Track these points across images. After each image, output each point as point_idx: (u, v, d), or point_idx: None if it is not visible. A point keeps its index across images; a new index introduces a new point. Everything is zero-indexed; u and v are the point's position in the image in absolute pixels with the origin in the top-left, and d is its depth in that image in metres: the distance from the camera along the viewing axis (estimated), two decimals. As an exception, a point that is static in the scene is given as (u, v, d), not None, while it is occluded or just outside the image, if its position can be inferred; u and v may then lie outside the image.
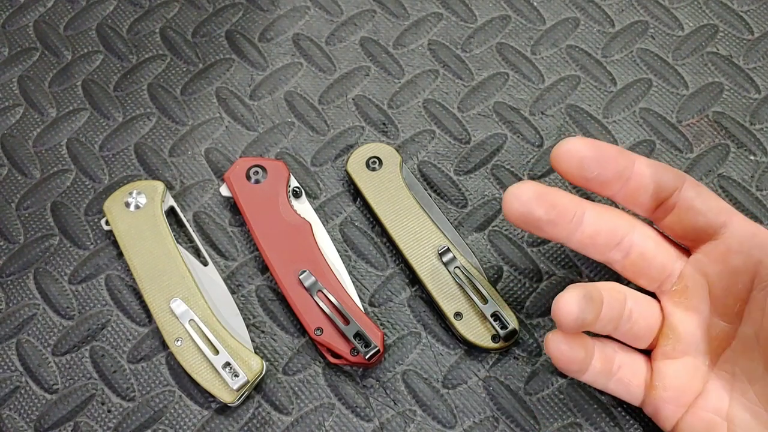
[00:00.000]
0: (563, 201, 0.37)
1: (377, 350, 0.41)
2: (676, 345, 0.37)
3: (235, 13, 0.53)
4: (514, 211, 0.36)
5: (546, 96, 0.49)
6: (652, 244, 0.38)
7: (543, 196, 0.36)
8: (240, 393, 0.41)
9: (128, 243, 0.44)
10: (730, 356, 0.37)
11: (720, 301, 0.37)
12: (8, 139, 0.49)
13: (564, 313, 0.34)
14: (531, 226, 0.37)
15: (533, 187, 0.36)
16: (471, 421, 0.41)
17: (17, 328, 0.44)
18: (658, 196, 0.37)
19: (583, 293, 0.35)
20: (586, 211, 0.37)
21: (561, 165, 0.37)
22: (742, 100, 0.48)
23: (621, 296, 0.37)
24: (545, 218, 0.36)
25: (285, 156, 0.48)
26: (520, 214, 0.36)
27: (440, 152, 0.48)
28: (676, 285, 0.38)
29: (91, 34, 0.53)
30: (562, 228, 0.37)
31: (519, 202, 0.36)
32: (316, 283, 0.42)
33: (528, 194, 0.36)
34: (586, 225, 0.37)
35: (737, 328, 0.36)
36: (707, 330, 0.37)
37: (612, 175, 0.37)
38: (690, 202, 0.37)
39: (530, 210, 0.36)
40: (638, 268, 0.38)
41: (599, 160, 0.36)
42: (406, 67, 0.50)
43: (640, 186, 0.37)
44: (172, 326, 0.42)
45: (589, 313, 0.35)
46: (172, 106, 0.50)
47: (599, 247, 0.38)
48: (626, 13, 0.51)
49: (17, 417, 0.42)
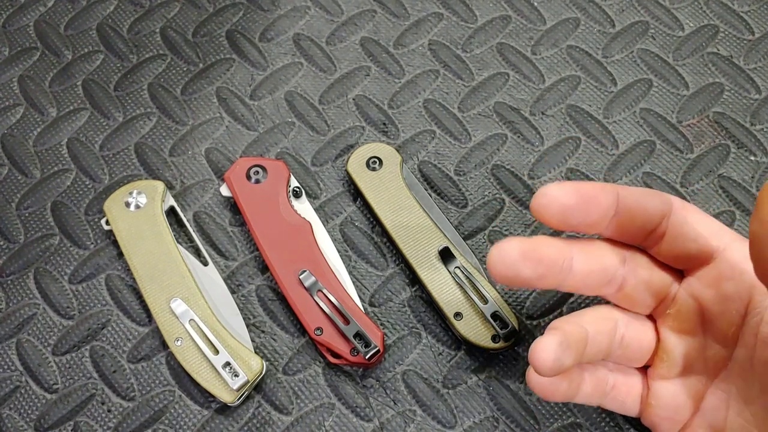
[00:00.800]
0: (550, 252, 0.35)
1: (377, 350, 0.41)
2: (671, 368, 0.37)
3: (236, 13, 0.53)
4: (501, 274, 0.34)
5: (546, 96, 0.49)
6: (644, 275, 0.37)
7: (529, 254, 0.35)
8: (240, 393, 0.41)
9: (128, 243, 0.44)
10: (726, 377, 0.36)
11: (714, 325, 0.36)
12: (8, 139, 0.49)
13: (540, 360, 0.33)
14: (518, 285, 0.36)
15: (518, 244, 0.35)
16: (471, 421, 0.41)
17: (17, 327, 0.44)
18: (645, 227, 0.36)
19: (560, 340, 0.34)
20: (574, 256, 0.36)
21: (543, 216, 0.35)
22: (742, 100, 0.48)
23: (610, 324, 0.36)
24: (534, 276, 0.35)
25: (285, 156, 0.48)
26: (508, 277, 0.35)
27: (440, 152, 0.48)
28: (670, 309, 0.37)
29: (92, 34, 0.53)
30: (552, 279, 0.36)
31: (505, 264, 0.34)
32: (316, 283, 0.42)
33: (513, 254, 0.34)
34: (576, 270, 0.36)
35: (732, 351, 0.36)
36: (703, 352, 0.37)
37: (597, 217, 0.35)
38: (679, 229, 0.36)
39: (518, 272, 0.34)
40: (632, 299, 0.37)
41: (582, 206, 0.35)
42: (406, 67, 0.50)
43: (626, 220, 0.36)
44: (172, 326, 0.42)
45: (566, 359, 0.34)
46: (172, 105, 0.50)
47: (591, 287, 0.37)
48: (627, 13, 0.51)
49: (17, 416, 0.42)
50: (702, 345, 0.37)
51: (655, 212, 0.36)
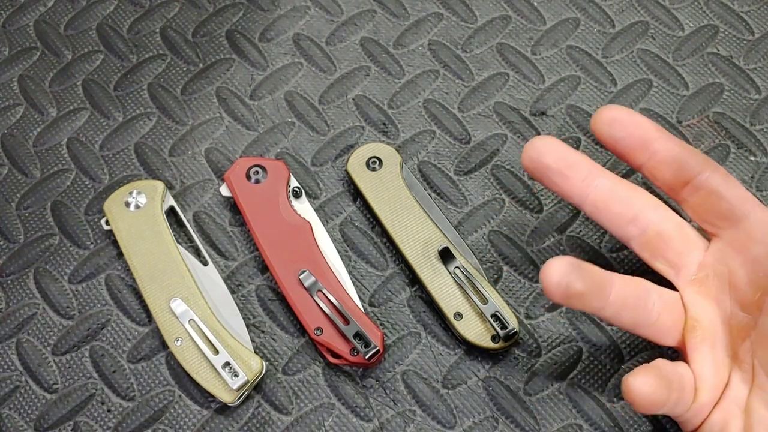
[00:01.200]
0: (577, 157, 0.38)
1: (377, 350, 0.41)
2: (703, 336, 0.37)
3: (236, 13, 0.53)
4: (527, 157, 0.38)
5: (546, 96, 0.49)
6: (671, 225, 0.38)
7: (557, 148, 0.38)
8: (240, 393, 0.41)
9: (128, 243, 0.44)
10: (749, 347, 0.36)
11: (740, 291, 0.36)
12: (8, 139, 0.49)
13: (545, 277, 0.35)
14: (542, 176, 0.38)
15: (551, 140, 0.38)
16: (471, 421, 0.41)
17: (17, 327, 0.44)
18: (682, 175, 0.37)
19: (572, 260, 0.35)
20: (602, 177, 0.38)
21: (596, 123, 0.38)
22: (742, 100, 0.48)
23: (641, 288, 0.37)
24: (555, 168, 0.38)
25: (285, 156, 0.48)
26: (532, 161, 0.38)
27: (440, 152, 0.48)
28: (696, 274, 0.38)
29: (92, 34, 0.53)
30: (573, 184, 0.38)
31: (533, 149, 0.38)
32: (316, 283, 0.42)
33: (543, 143, 0.38)
34: (600, 188, 0.38)
35: (757, 319, 0.36)
36: (728, 320, 0.37)
37: (638, 142, 0.38)
38: (715, 187, 0.37)
39: (541, 157, 0.38)
40: (655, 248, 0.38)
41: (629, 125, 0.38)
42: (406, 67, 0.50)
43: (665, 161, 0.37)
44: (171, 326, 0.42)
45: (576, 281, 0.35)
46: (172, 105, 0.50)
47: (614, 216, 0.38)
48: (626, 13, 0.51)
49: (17, 416, 0.42)
50: (728, 313, 0.37)
51: (694, 165, 0.37)
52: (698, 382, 0.36)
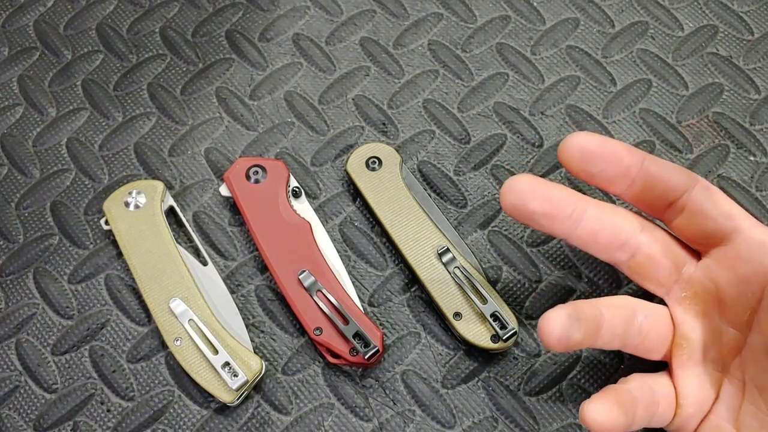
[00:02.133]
0: (561, 195, 0.36)
1: (376, 350, 0.41)
2: (691, 354, 0.37)
3: (235, 13, 0.53)
4: (509, 203, 0.36)
5: (546, 96, 0.49)
6: (660, 247, 0.37)
7: (539, 189, 0.36)
8: (239, 393, 0.41)
9: (128, 243, 0.44)
10: (740, 364, 0.36)
11: (729, 309, 0.36)
12: (8, 139, 0.49)
13: (546, 332, 0.34)
14: (526, 219, 0.37)
15: (530, 179, 0.36)
16: (470, 421, 0.41)
17: (17, 327, 0.44)
18: (666, 197, 0.36)
19: (569, 312, 0.34)
20: (588, 208, 0.37)
21: (565, 158, 0.36)
22: (742, 100, 0.48)
23: (627, 312, 0.36)
24: (539, 211, 0.36)
25: (285, 156, 0.48)
26: (515, 207, 0.36)
27: (440, 152, 0.48)
28: (685, 291, 0.37)
29: (91, 34, 0.53)
30: (560, 223, 0.36)
31: (514, 194, 0.36)
32: (315, 283, 0.42)
33: (524, 186, 0.36)
34: (587, 222, 0.36)
35: (747, 336, 0.36)
36: (717, 336, 0.36)
37: (617, 173, 0.36)
38: (699, 206, 0.36)
39: (524, 202, 0.36)
40: (645, 271, 0.37)
41: (604, 156, 0.36)
42: (406, 67, 0.50)
43: (647, 185, 0.36)
44: (171, 326, 0.42)
45: (575, 332, 0.34)
46: (172, 105, 0.50)
47: (602, 246, 0.37)
48: (626, 13, 0.51)
49: (17, 416, 0.42)
50: (717, 330, 0.36)
51: (678, 184, 0.36)
52: (681, 398, 0.36)
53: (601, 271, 0.44)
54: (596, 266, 0.44)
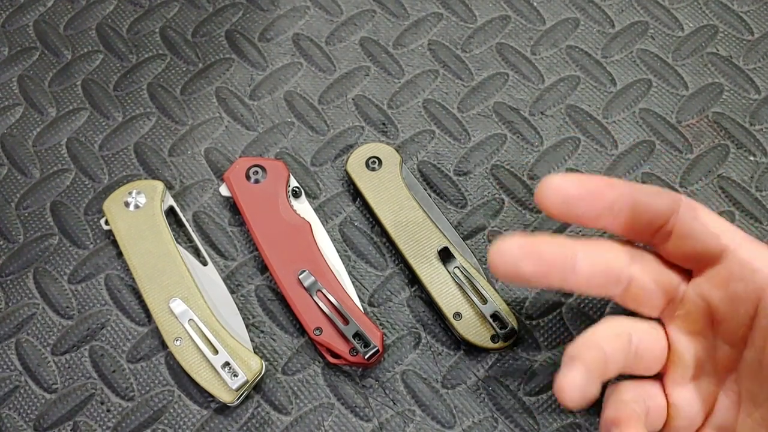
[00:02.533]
0: (552, 250, 0.35)
1: (376, 350, 0.41)
2: (684, 372, 0.37)
3: (235, 13, 0.53)
4: (501, 270, 0.35)
5: (546, 96, 0.49)
6: (651, 275, 0.37)
7: (529, 251, 0.35)
8: (239, 393, 0.41)
9: (128, 243, 0.44)
10: (735, 379, 0.36)
11: (723, 326, 0.36)
12: (8, 139, 0.49)
13: (568, 398, 0.33)
14: (520, 282, 0.36)
15: (519, 241, 0.35)
16: (470, 421, 0.41)
17: (17, 327, 0.44)
18: (653, 224, 0.36)
19: (584, 373, 0.33)
20: (577, 254, 0.35)
21: (546, 205, 0.35)
22: (741, 100, 0.48)
23: (624, 340, 0.36)
24: (535, 273, 0.35)
25: (285, 156, 0.48)
26: (508, 273, 0.35)
27: (440, 152, 0.48)
28: (678, 310, 0.37)
29: (91, 34, 0.53)
30: (554, 277, 0.35)
31: (505, 260, 0.34)
32: (315, 283, 0.42)
33: (514, 250, 0.34)
34: (580, 269, 0.35)
35: (742, 353, 0.35)
36: (713, 353, 0.36)
37: (601, 210, 0.35)
38: (687, 229, 0.35)
39: (518, 268, 0.34)
40: (639, 300, 0.37)
41: (585, 197, 0.35)
42: (406, 67, 0.50)
43: (633, 216, 0.36)
44: (171, 326, 0.42)
45: (592, 389, 0.34)
46: (171, 105, 0.50)
47: (597, 287, 0.36)
48: (626, 13, 0.51)
49: (16, 416, 0.42)
50: (712, 346, 0.36)
51: (663, 209, 0.35)
52: (673, 410, 0.36)
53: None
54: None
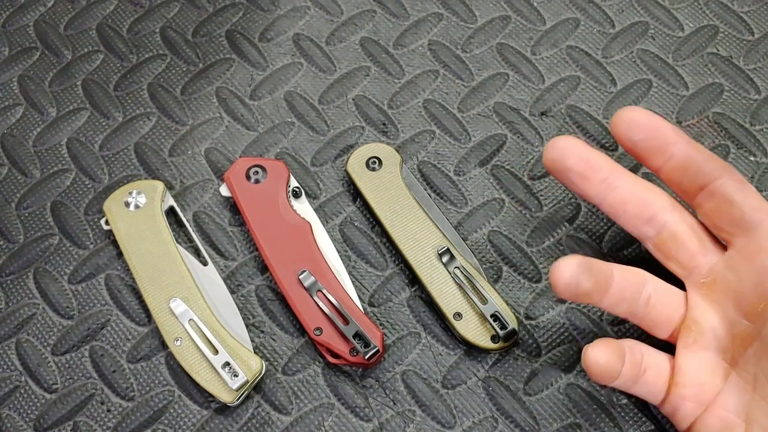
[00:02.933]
0: (598, 159, 0.38)
1: (377, 350, 0.41)
2: (698, 338, 0.37)
3: (235, 13, 0.53)
4: (549, 158, 0.38)
5: (546, 96, 0.49)
6: (686, 228, 0.38)
7: (579, 149, 0.38)
8: (239, 393, 0.41)
9: (128, 243, 0.44)
10: (751, 357, 0.36)
11: (745, 300, 0.36)
12: (8, 139, 0.49)
13: (556, 277, 0.35)
14: (563, 176, 0.39)
15: (574, 140, 0.38)
16: (470, 421, 0.41)
17: (17, 327, 0.44)
18: (698, 180, 0.37)
19: (581, 261, 0.36)
20: (621, 177, 0.38)
21: (614, 125, 0.38)
22: (742, 101, 0.48)
23: (638, 279, 0.38)
24: (576, 169, 0.38)
25: (285, 156, 0.48)
26: (554, 161, 0.39)
27: (440, 152, 0.48)
28: (705, 278, 0.38)
29: (91, 34, 0.53)
30: (594, 186, 0.38)
31: (555, 149, 0.38)
32: (315, 283, 0.42)
33: (566, 144, 0.38)
34: (619, 190, 0.38)
35: (761, 329, 0.36)
36: (730, 327, 0.37)
37: (656, 145, 0.38)
38: (729, 194, 0.37)
39: (563, 158, 0.38)
40: (669, 249, 0.38)
41: (648, 127, 0.38)
42: (406, 67, 0.50)
43: (683, 165, 0.38)
44: (171, 326, 0.42)
45: (584, 281, 0.36)
46: (172, 105, 0.50)
47: (631, 217, 0.39)
48: (626, 13, 0.51)
49: (17, 416, 0.42)
50: (731, 320, 0.37)
51: (711, 170, 0.37)
52: (678, 376, 0.37)
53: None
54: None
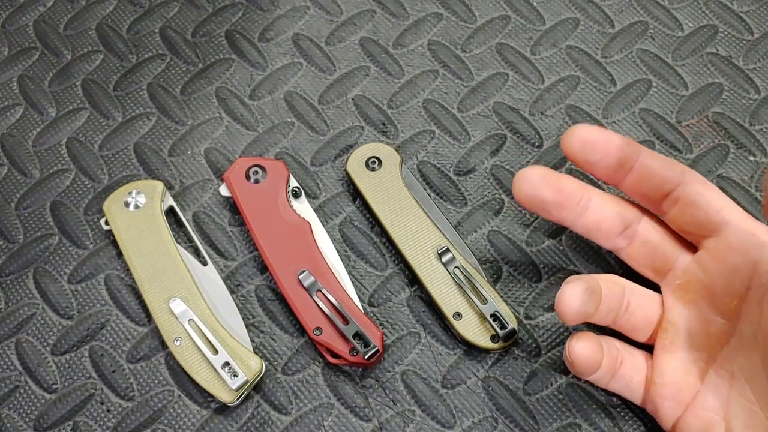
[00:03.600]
0: (570, 185, 0.39)
1: (376, 350, 0.41)
2: (675, 338, 0.38)
3: (235, 13, 0.53)
4: (523, 193, 0.38)
5: (546, 96, 0.49)
6: (657, 235, 0.39)
7: (551, 180, 0.38)
8: (239, 393, 0.41)
9: (127, 243, 0.44)
10: (728, 354, 0.37)
11: (719, 298, 0.37)
12: (8, 139, 0.49)
13: (567, 307, 0.36)
14: (538, 209, 0.39)
15: (542, 170, 0.38)
16: (470, 421, 0.41)
17: (17, 327, 0.44)
18: (661, 189, 0.38)
19: (585, 286, 0.36)
20: (592, 197, 0.39)
21: (567, 147, 0.38)
22: (741, 100, 0.48)
23: (619, 288, 0.38)
24: (552, 200, 0.38)
25: (284, 156, 0.48)
26: (528, 196, 0.38)
27: (440, 152, 0.48)
28: (679, 279, 0.38)
29: (91, 34, 0.53)
30: (568, 211, 0.39)
31: (527, 184, 0.38)
32: (315, 283, 0.42)
33: (536, 177, 0.38)
34: (592, 210, 0.39)
35: (736, 326, 0.37)
36: (706, 326, 0.37)
37: (615, 162, 0.38)
38: (693, 197, 0.37)
39: (538, 192, 0.38)
40: (642, 257, 0.39)
41: (603, 146, 0.38)
42: (405, 67, 0.50)
43: (643, 177, 0.38)
44: (171, 326, 0.42)
45: (590, 306, 0.36)
46: (171, 105, 0.50)
47: (604, 233, 0.39)
48: (626, 13, 0.51)
49: (16, 416, 0.42)
50: (706, 319, 0.37)
51: (673, 177, 0.38)
52: (657, 376, 0.38)
53: (601, 271, 0.44)
54: (595, 266, 0.44)
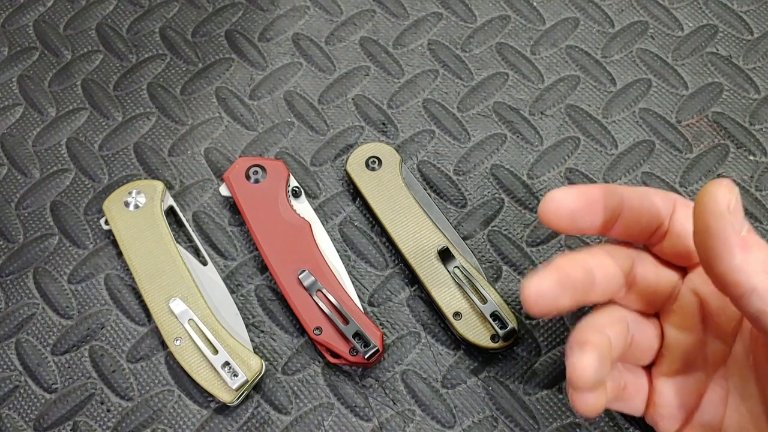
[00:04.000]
0: (578, 275, 0.35)
1: (376, 350, 0.41)
2: (672, 365, 0.37)
3: (235, 13, 0.53)
4: (540, 309, 0.34)
5: (546, 96, 0.49)
6: (652, 274, 0.37)
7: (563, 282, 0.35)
8: (239, 392, 0.41)
9: (127, 242, 0.44)
10: (724, 373, 0.37)
11: (713, 321, 0.36)
12: (8, 139, 0.49)
13: (582, 379, 0.33)
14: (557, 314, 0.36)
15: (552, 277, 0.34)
16: (470, 420, 0.41)
17: (17, 327, 0.44)
18: (650, 226, 0.36)
19: (597, 355, 0.34)
20: (593, 270, 0.36)
21: (552, 221, 0.35)
22: (741, 100, 0.48)
23: (624, 327, 0.36)
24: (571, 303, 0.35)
25: (284, 156, 0.48)
26: (546, 310, 0.35)
27: (439, 152, 0.48)
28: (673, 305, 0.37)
29: (91, 34, 0.53)
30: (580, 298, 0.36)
31: (544, 299, 0.34)
32: (315, 283, 0.42)
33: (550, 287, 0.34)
34: (598, 282, 0.36)
35: (731, 346, 0.36)
36: (703, 348, 0.37)
37: (603, 219, 0.36)
38: (681, 227, 0.36)
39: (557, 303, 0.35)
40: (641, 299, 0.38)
41: (588, 208, 0.35)
42: (405, 67, 0.50)
43: (632, 220, 0.36)
44: (171, 326, 0.42)
45: (604, 372, 0.34)
46: (171, 105, 0.50)
47: (610, 294, 0.37)
48: (626, 13, 0.51)
49: (16, 416, 0.42)
50: (702, 341, 0.37)
51: (660, 211, 0.36)
52: (656, 397, 0.37)
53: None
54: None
